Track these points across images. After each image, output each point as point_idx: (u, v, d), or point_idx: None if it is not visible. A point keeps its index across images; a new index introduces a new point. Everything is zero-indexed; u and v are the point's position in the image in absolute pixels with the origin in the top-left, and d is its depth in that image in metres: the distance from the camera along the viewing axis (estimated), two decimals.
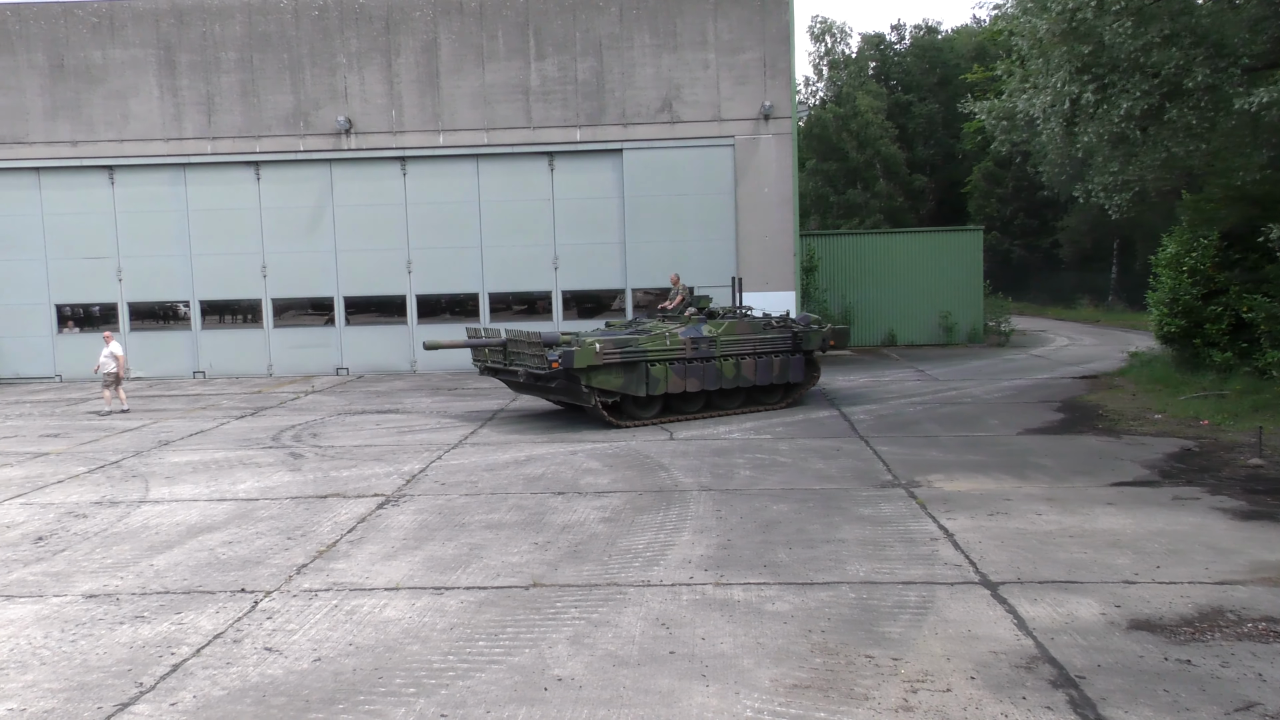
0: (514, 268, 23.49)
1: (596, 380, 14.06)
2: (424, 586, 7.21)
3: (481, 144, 23.12)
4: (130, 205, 23.48)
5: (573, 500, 9.89)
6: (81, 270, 23.66)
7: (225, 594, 7.19)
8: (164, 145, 23.18)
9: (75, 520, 9.64)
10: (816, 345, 15.99)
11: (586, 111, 23.05)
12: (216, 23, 23.02)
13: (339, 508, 9.86)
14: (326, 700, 5.29)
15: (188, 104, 23.14)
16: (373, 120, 23.11)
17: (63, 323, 23.92)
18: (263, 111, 23.14)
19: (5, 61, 23.04)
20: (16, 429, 16.08)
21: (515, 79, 22.98)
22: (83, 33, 23.06)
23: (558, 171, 23.35)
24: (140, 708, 5.27)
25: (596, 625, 6.29)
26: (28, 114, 23.12)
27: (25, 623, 6.68)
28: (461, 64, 22.99)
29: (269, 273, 23.59)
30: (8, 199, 23.45)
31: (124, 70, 23.09)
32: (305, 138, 23.17)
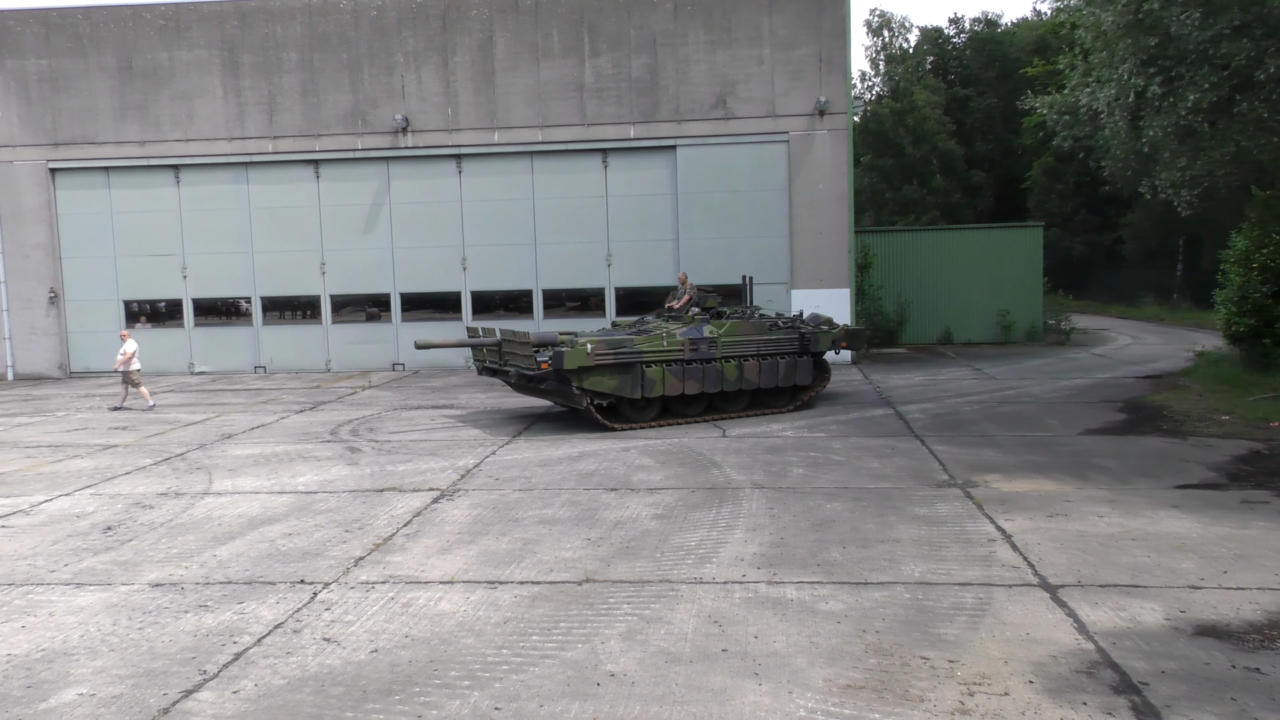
0: (567, 264, 23.60)
1: (589, 382, 13.70)
2: (478, 580, 7.28)
3: (536, 141, 23.25)
4: (195, 204, 24.03)
5: (625, 496, 9.91)
6: (148, 268, 24.27)
7: (285, 585, 7.32)
8: (227, 145, 23.68)
9: (142, 511, 9.90)
10: (826, 347, 15.47)
11: (640, 108, 23.06)
12: (278, 24, 23.45)
13: (395, 501, 9.99)
14: (383, 691, 5.37)
15: (250, 104, 23.61)
16: (429, 119, 23.37)
17: (132, 319, 24.55)
18: (322, 111, 23.52)
19: (77, 64, 23.71)
20: (86, 421, 16.56)
21: (570, 76, 23.08)
22: (150, 35, 23.63)
23: (611, 168, 23.41)
24: (204, 695, 5.40)
25: (649, 622, 6.30)
26: (98, 115, 23.77)
27: (95, 610, 6.87)
28: (517, 62, 23.14)
29: (328, 270, 23.99)
30: (79, 198, 24.14)
31: (189, 71, 23.63)
32: (363, 136, 23.50)
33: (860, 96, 56.02)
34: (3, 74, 23.76)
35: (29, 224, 24.07)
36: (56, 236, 24.21)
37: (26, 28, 23.75)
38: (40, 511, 9.99)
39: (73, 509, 10.07)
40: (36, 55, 23.74)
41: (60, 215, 24.21)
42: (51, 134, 23.84)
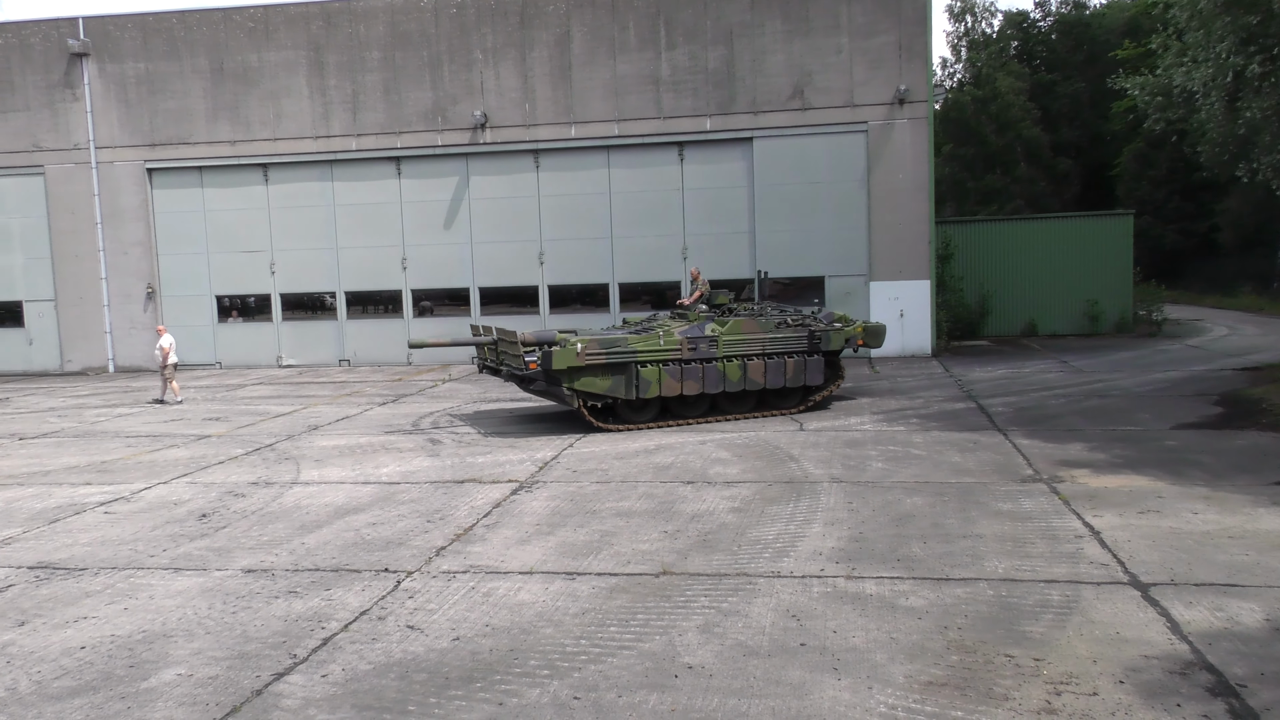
0: (644, 258, 23.65)
1: (581, 383, 13.31)
2: (557, 571, 7.36)
3: (612, 135, 23.33)
4: (282, 201, 24.71)
5: (702, 490, 9.91)
6: (239, 263, 25.04)
7: (370, 573, 7.51)
8: (313, 143, 24.28)
9: (234, 499, 10.24)
10: (839, 346, 14.70)
11: (716, 100, 22.97)
12: (362, 23, 23.93)
13: (475, 493, 10.16)
14: (465, 679, 5.47)
15: (335, 103, 24.17)
16: (507, 114, 23.62)
17: (224, 313, 25.37)
18: (404, 108, 23.95)
19: (172, 67, 24.55)
20: (182, 412, 17.17)
21: (646, 70, 23.10)
22: (240, 37, 24.34)
23: (687, 161, 23.37)
24: (294, 678, 5.57)
25: (726, 615, 6.30)
26: (192, 116, 24.58)
27: (191, 594, 7.14)
28: (594, 56, 23.25)
29: (409, 264, 24.44)
30: (174, 197, 25.02)
31: (277, 72, 24.28)
32: (443, 133, 23.87)
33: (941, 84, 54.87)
34: (103, 78, 24.73)
35: (128, 222, 25.03)
36: (153, 234, 25.13)
37: (125, 32, 24.68)
38: (140, 499, 10.41)
39: (170, 496, 10.46)
40: (134, 59, 24.65)
41: (157, 213, 25.12)
42: (149, 135, 24.73)
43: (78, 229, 25.16)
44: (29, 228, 25.47)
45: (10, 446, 14.15)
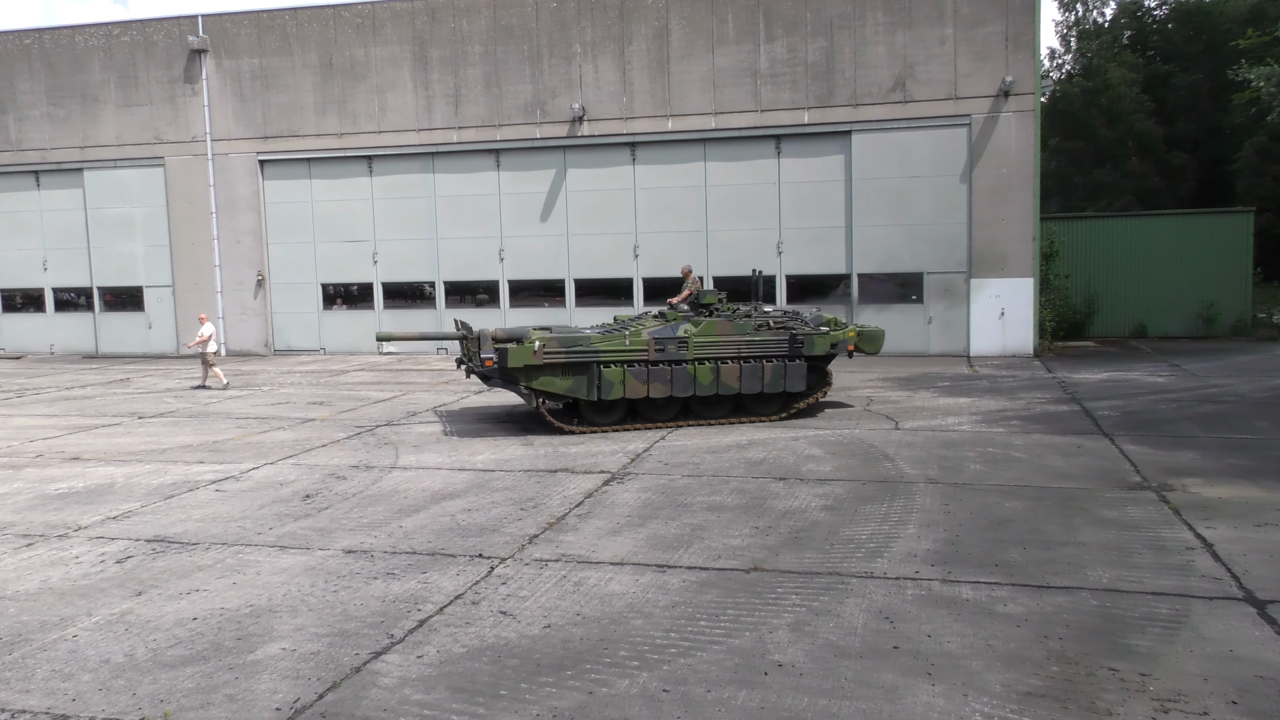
0: (738, 252, 23.53)
1: (539, 382, 12.99)
2: (647, 563, 7.40)
3: (709, 128, 23.27)
4: (385, 192, 25.35)
5: (794, 486, 9.84)
6: (343, 253, 25.79)
7: (465, 558, 7.66)
8: (416, 135, 24.83)
9: (336, 481, 10.57)
10: (822, 351, 13.77)
11: (815, 93, 22.70)
12: (464, 18, 24.36)
13: (567, 482, 10.27)
14: (555, 666, 5.55)
15: (437, 96, 24.66)
16: (605, 107, 23.76)
17: (329, 301, 26.18)
18: (503, 101, 24.30)
19: (284, 62, 25.39)
20: (288, 396, 17.78)
21: (744, 62, 22.96)
22: (349, 33, 25.03)
23: (784, 154, 23.16)
24: (391, 658, 5.73)
25: (817, 614, 6.25)
26: (302, 109, 25.39)
27: (295, 572, 7.40)
28: (691, 49, 23.20)
29: (506, 256, 24.82)
30: (285, 188, 25.90)
31: (383, 66, 24.89)
32: (541, 125, 24.14)
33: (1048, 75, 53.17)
34: (220, 73, 25.72)
35: (241, 212, 26.01)
36: (264, 223, 26.05)
37: (241, 29, 25.61)
38: (248, 478, 10.82)
39: (276, 477, 10.85)
40: (249, 55, 25.56)
41: (267, 203, 26.03)
42: (261, 128, 25.64)
43: (194, 218, 26.25)
44: (150, 217, 26.68)
45: (131, 425, 14.85)
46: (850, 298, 23.08)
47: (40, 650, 5.93)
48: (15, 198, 27.55)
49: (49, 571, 7.53)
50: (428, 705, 5.08)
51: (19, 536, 8.60)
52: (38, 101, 26.87)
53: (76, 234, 27.23)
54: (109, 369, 23.64)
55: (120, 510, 9.48)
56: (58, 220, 27.35)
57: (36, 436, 13.89)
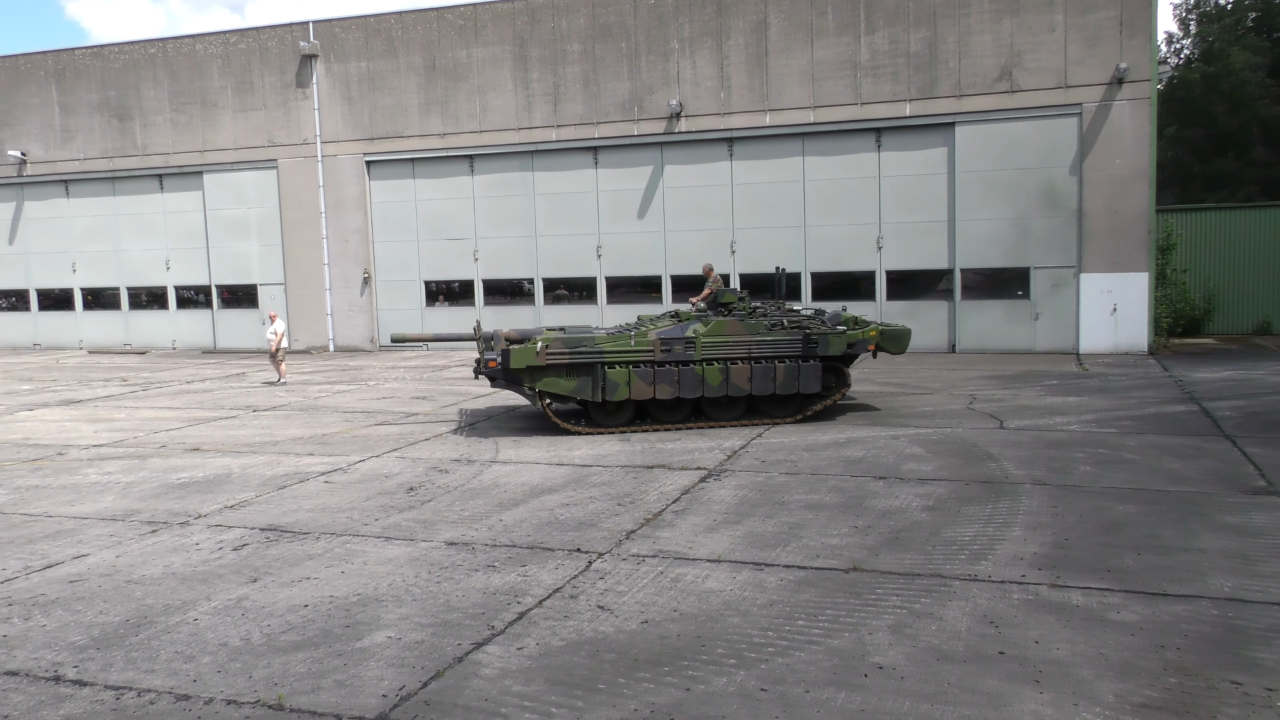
0: (836, 247, 23.24)
1: (544, 383, 12.89)
2: (744, 561, 7.37)
3: (808, 122, 23.02)
4: (486, 190, 25.82)
5: (894, 486, 9.67)
6: (445, 250, 26.37)
7: (563, 552, 7.76)
8: (516, 134, 25.21)
9: (439, 474, 10.82)
10: (838, 351, 13.30)
11: (917, 84, 22.23)
12: (564, 17, 24.61)
13: (664, 478, 10.30)
14: (652, 662, 5.57)
15: (537, 95, 24.99)
16: (702, 103, 23.71)
17: (431, 298, 26.81)
18: (601, 99, 24.48)
19: (389, 65, 26.07)
20: (393, 391, 18.28)
21: (844, 55, 22.63)
22: (451, 35, 25.56)
23: (885, 148, 22.75)
24: (492, 649, 5.84)
25: (919, 616, 6.13)
26: (406, 111, 26.04)
27: (399, 562, 7.60)
28: (790, 43, 22.97)
29: (603, 252, 25.00)
30: (390, 188, 26.62)
31: (484, 67, 25.34)
32: (639, 122, 24.24)
33: (1165, 61, 50.94)
34: (330, 77, 26.56)
35: (348, 211, 26.82)
36: (370, 222, 26.82)
37: (349, 34, 26.40)
38: (355, 470, 11.16)
39: (381, 469, 11.17)
40: (357, 59, 26.33)
41: (373, 203, 26.79)
42: (368, 129, 26.39)
43: (305, 218, 27.18)
44: (264, 217, 27.74)
45: (246, 418, 15.48)
46: (952, 293, 22.55)
47: (164, 632, 6.23)
48: (141, 200, 28.98)
49: (171, 557, 7.91)
50: (527, 697, 5.17)
51: (145, 523, 9.05)
52: (161, 108, 28.19)
53: (196, 234, 28.49)
54: (226, 364, 24.67)
55: (237, 500, 9.89)
56: (180, 221, 28.66)
57: (160, 428, 14.58)
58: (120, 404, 17.38)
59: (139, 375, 22.31)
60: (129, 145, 28.62)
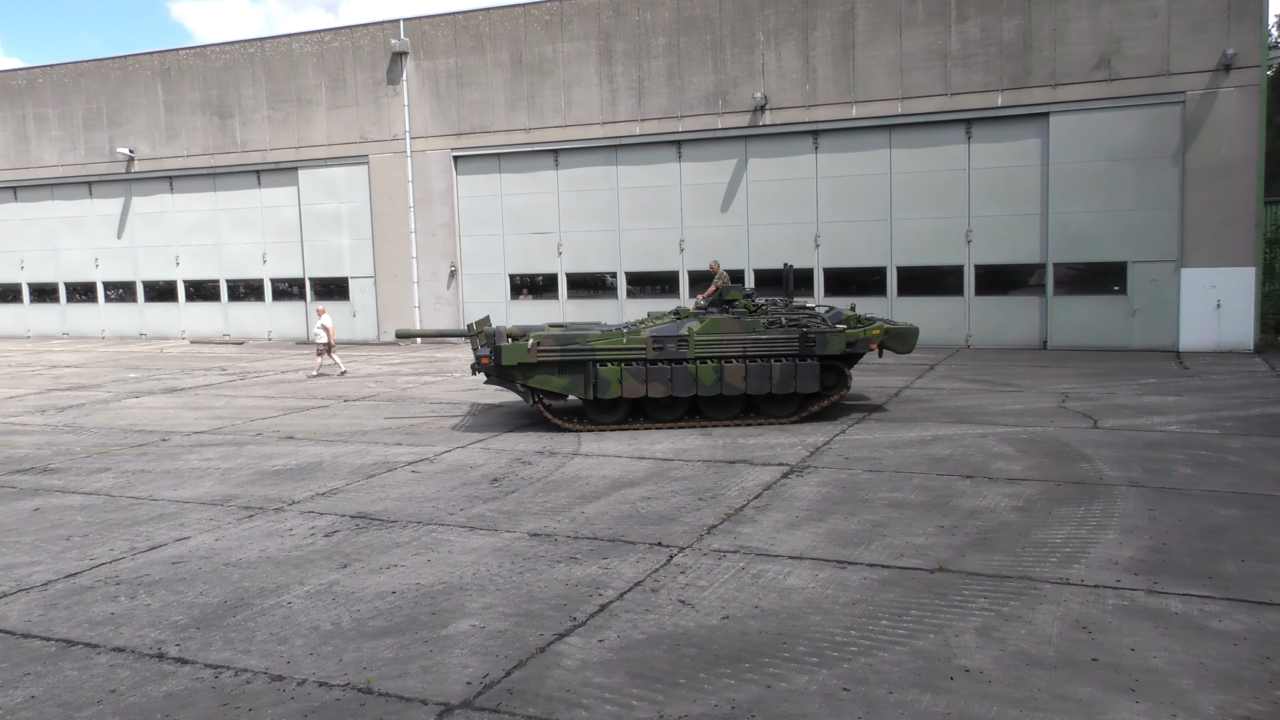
0: (924, 241, 22.80)
1: (536, 380, 12.91)
2: (826, 559, 7.30)
3: (895, 114, 22.61)
4: (570, 185, 26.01)
5: (981, 485, 9.46)
6: (529, 244, 26.66)
7: (644, 545, 7.79)
8: (600, 129, 25.33)
9: (522, 466, 10.96)
10: (837, 350, 12.95)
11: (1010, 74, 21.65)
12: (648, 11, 24.62)
13: (745, 474, 10.26)
14: (733, 658, 5.56)
15: (621, 89, 25.06)
16: (787, 95, 23.49)
17: (515, 291, 27.14)
18: (685, 92, 24.43)
19: (477, 61, 26.44)
20: (477, 382, 18.55)
21: (933, 44, 22.16)
22: (537, 30, 25.79)
23: (975, 139, 22.23)
24: (573, 640, 5.90)
25: (1007, 619, 5.99)
26: (493, 106, 26.38)
27: (484, 552, 7.73)
28: (878, 33, 22.59)
29: (686, 246, 24.97)
30: (476, 182, 27.01)
31: (570, 62, 25.52)
32: (723, 115, 24.12)
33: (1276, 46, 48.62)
34: (419, 74, 27.06)
35: (436, 206, 27.31)
36: (457, 216, 27.27)
37: (439, 31, 26.85)
38: (441, 460, 11.38)
39: (466, 460, 11.36)
40: (445, 55, 26.77)
41: (460, 198, 27.22)
42: (455, 125, 26.81)
43: (394, 213, 27.77)
44: (355, 212, 28.43)
45: (337, 407, 15.89)
46: (1044, 288, 21.94)
47: (259, 615, 6.45)
48: (240, 195, 29.97)
49: (266, 542, 8.17)
50: (608, 689, 5.20)
51: (241, 508, 9.37)
52: (259, 106, 29.08)
53: (291, 229, 29.34)
54: None
55: (328, 487, 10.17)
56: (276, 216, 29.55)
57: (256, 416, 15.08)
58: (219, 392, 18.03)
59: (236, 365, 23.09)
60: (229, 142, 29.60)
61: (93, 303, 32.71)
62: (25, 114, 32.24)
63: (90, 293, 32.71)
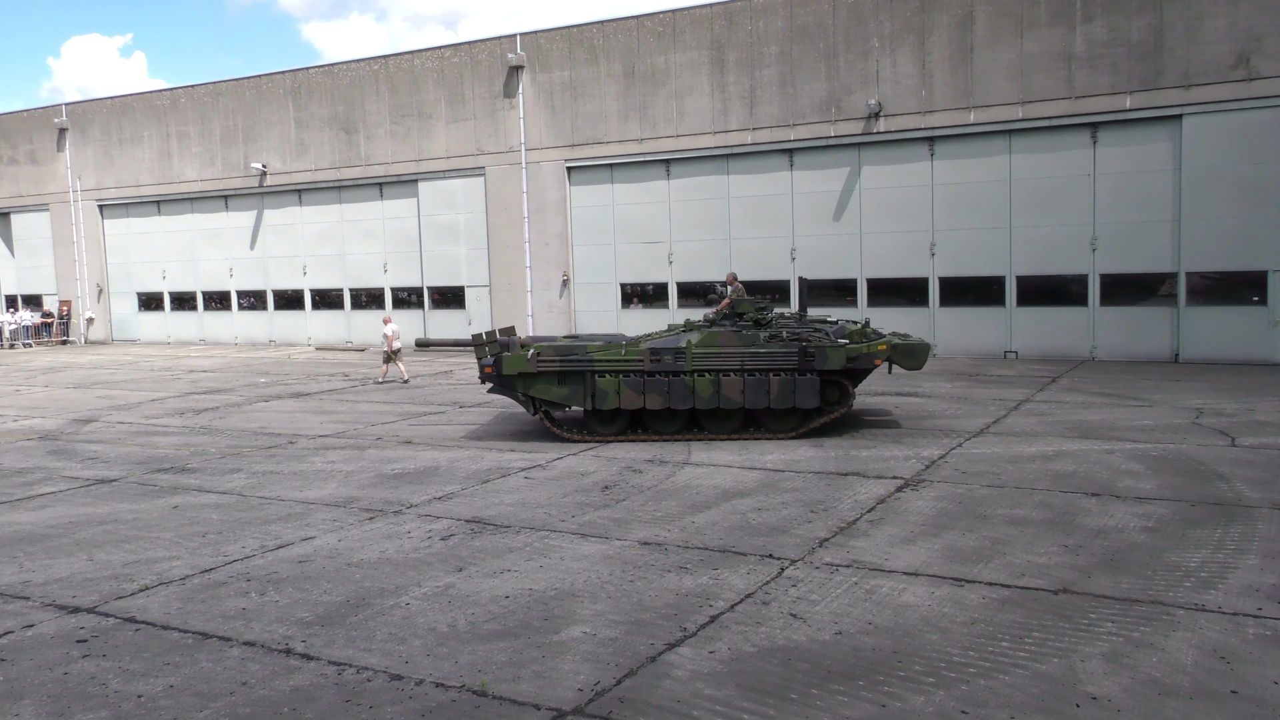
0: (1045, 249, 22.04)
1: (536, 389, 13.06)
2: (943, 576, 7.12)
3: (1015, 119, 21.95)
4: (682, 194, 26.09)
5: (1108, 503, 9.08)
6: (640, 253, 26.84)
7: (754, 557, 7.74)
8: (711, 138, 25.35)
9: (632, 474, 11.03)
10: (837, 365, 12.69)
11: (1139, 75, 20.77)
12: (761, 19, 24.54)
13: (858, 486, 10.09)
14: (846, 674, 5.48)
15: (733, 98, 25.03)
16: (902, 101, 23.06)
17: (627, 300, 27.36)
18: (798, 100, 24.24)
19: (590, 73, 26.80)
20: None
21: (1056, 46, 21.43)
22: (650, 41, 25.99)
23: (1100, 144, 21.39)
24: (684, 650, 5.90)
25: (1137, 645, 5.73)
26: (606, 117, 26.69)
27: (594, 559, 7.80)
28: (998, 36, 21.98)
29: (797, 255, 24.75)
30: (589, 193, 27.36)
31: (682, 72, 25.62)
32: (836, 123, 23.83)
33: None
34: (535, 86, 27.59)
35: (550, 216, 27.77)
36: (569, 226, 27.66)
37: (554, 44, 27.32)
38: (553, 467, 11.55)
39: (578, 467, 11.50)
40: (560, 68, 27.22)
41: (573, 208, 27.61)
42: (569, 136, 27.22)
43: (509, 223, 28.34)
44: (471, 223, 29.14)
45: (453, 413, 16.30)
46: (1176, 298, 20.93)
47: (379, 615, 6.66)
48: (363, 208, 31.07)
49: (386, 544, 8.44)
50: (719, 701, 5.19)
51: (363, 510, 9.70)
52: (382, 120, 30.11)
53: (411, 239, 30.26)
54: (435, 361, 26.04)
55: (444, 491, 10.44)
56: (396, 227, 30.53)
57: (376, 421, 15.58)
58: (343, 397, 18.70)
59: (358, 371, 23.91)
60: (354, 156, 30.72)
61: (227, 310, 34.36)
62: (169, 132, 34.14)
63: (225, 301, 34.38)
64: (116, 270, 36.50)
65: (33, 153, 37.15)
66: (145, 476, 11.68)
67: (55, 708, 5.35)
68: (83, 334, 36.94)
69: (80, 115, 35.97)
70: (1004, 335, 22.70)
